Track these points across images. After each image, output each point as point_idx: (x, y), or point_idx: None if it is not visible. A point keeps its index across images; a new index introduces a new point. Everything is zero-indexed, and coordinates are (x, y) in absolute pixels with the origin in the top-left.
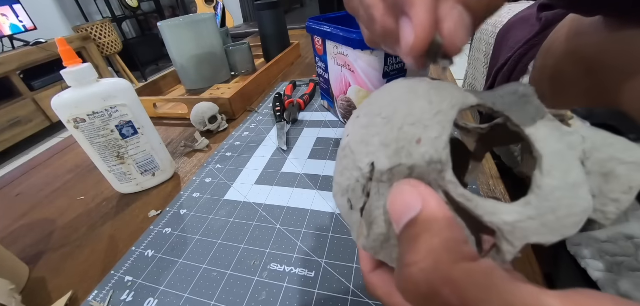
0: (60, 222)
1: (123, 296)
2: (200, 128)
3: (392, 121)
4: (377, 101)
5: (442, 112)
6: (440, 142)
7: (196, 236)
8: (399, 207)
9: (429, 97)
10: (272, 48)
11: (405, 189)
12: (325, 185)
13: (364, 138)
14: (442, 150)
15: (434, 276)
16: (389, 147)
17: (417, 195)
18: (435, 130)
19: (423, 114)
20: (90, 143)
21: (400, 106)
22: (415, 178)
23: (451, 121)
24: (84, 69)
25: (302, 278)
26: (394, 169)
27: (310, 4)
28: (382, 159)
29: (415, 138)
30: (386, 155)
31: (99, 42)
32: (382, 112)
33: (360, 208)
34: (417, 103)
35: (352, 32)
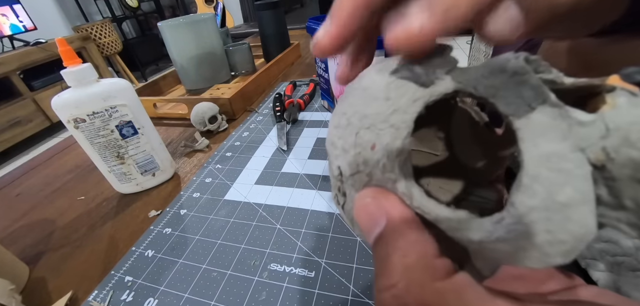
0: (60, 222)
1: (123, 296)
2: (200, 128)
3: (351, 123)
4: (346, 95)
5: (399, 110)
6: (393, 146)
7: (196, 236)
8: (364, 221)
9: (387, 92)
10: (272, 48)
11: (367, 202)
12: (325, 185)
13: (332, 139)
14: (394, 158)
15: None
16: (348, 153)
17: (378, 208)
18: (388, 134)
19: (378, 115)
20: (90, 143)
21: (358, 105)
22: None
23: (410, 121)
24: (84, 69)
25: (302, 278)
26: (354, 176)
27: (310, 4)
28: (344, 165)
29: (370, 144)
30: (346, 161)
31: (99, 42)
32: (346, 110)
33: (342, 205)
34: (373, 102)
35: None
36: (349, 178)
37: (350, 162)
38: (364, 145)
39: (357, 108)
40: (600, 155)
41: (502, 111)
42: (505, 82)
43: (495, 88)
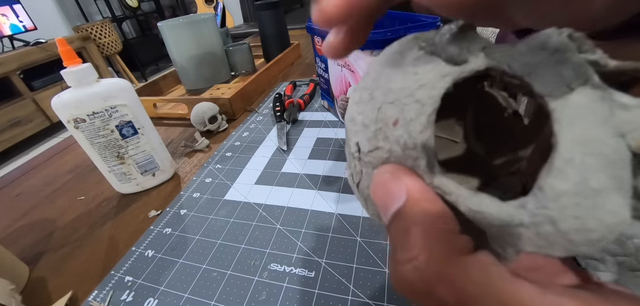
0: (60, 222)
1: (123, 296)
2: (200, 128)
3: (374, 97)
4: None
5: (427, 85)
6: (418, 123)
7: (196, 236)
8: (382, 197)
9: (415, 66)
10: (272, 48)
11: (386, 178)
12: (325, 185)
13: (353, 115)
14: (417, 135)
15: (428, 274)
16: (369, 128)
17: (398, 184)
18: (412, 109)
19: (403, 90)
20: (90, 143)
21: (383, 79)
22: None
23: (437, 97)
24: (84, 69)
25: (302, 278)
26: (373, 152)
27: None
28: (363, 141)
29: (393, 120)
30: (366, 136)
31: (99, 42)
32: (369, 85)
33: (357, 184)
34: (399, 76)
35: None
36: (367, 155)
37: (369, 138)
38: (386, 121)
39: (381, 82)
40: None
41: (538, 91)
42: (544, 59)
43: (532, 67)
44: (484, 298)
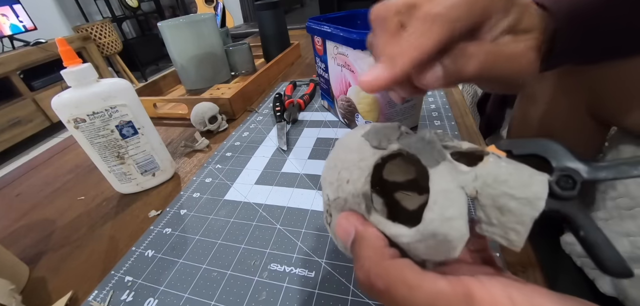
0: (60, 222)
1: (123, 296)
2: (200, 128)
3: (336, 166)
4: (335, 149)
5: (364, 159)
6: (359, 182)
7: (196, 236)
8: (342, 233)
9: (359, 148)
10: (272, 48)
11: (341, 221)
12: None
13: (324, 175)
14: (361, 188)
15: (369, 273)
16: (333, 185)
17: (349, 224)
18: (356, 173)
19: (352, 162)
20: (90, 143)
21: (341, 155)
22: (348, 209)
23: (371, 166)
24: (84, 69)
25: (302, 278)
26: (335, 200)
27: (310, 4)
28: (330, 193)
29: (346, 180)
30: (331, 190)
31: (99, 42)
32: (334, 156)
33: (329, 224)
34: (350, 154)
35: (352, 32)
36: (333, 202)
37: (333, 191)
38: (342, 179)
39: (340, 156)
40: (472, 191)
41: (424, 163)
42: (425, 145)
43: (419, 149)
44: (398, 283)
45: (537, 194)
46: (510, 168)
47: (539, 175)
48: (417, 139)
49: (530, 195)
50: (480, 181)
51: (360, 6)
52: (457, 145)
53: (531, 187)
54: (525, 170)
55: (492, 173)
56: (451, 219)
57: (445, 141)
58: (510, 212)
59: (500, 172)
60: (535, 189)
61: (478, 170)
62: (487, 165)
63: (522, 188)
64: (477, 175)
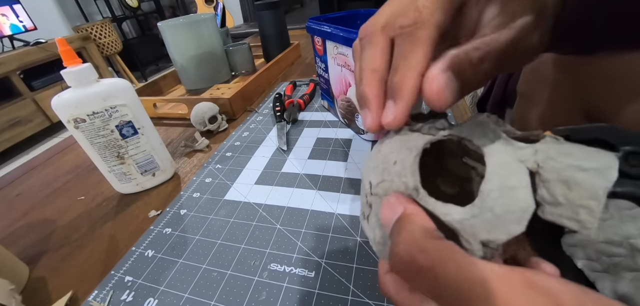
0: (60, 222)
1: (123, 296)
2: (200, 128)
3: (381, 151)
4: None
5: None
6: (408, 160)
7: (196, 236)
8: (388, 211)
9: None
10: (272, 48)
11: (391, 200)
12: (325, 185)
13: (368, 165)
14: (408, 167)
15: (412, 248)
16: (378, 168)
17: (399, 203)
18: (404, 153)
19: (400, 144)
20: (90, 143)
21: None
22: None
23: (420, 147)
24: (84, 69)
25: (302, 278)
26: (379, 183)
27: (310, 4)
28: (373, 178)
29: (393, 161)
30: (375, 174)
31: (99, 42)
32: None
33: (367, 217)
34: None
35: (352, 32)
36: (376, 187)
37: (378, 174)
38: (388, 162)
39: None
40: (534, 165)
41: (476, 143)
42: (477, 127)
43: (470, 133)
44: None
45: (607, 163)
46: (572, 145)
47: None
48: (471, 121)
49: (600, 165)
50: (541, 154)
51: (360, 6)
52: (511, 129)
53: (599, 157)
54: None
55: (554, 146)
56: (514, 188)
57: (498, 123)
58: (579, 186)
59: (562, 147)
60: (604, 159)
61: (538, 146)
62: (546, 143)
63: (589, 159)
64: (537, 149)
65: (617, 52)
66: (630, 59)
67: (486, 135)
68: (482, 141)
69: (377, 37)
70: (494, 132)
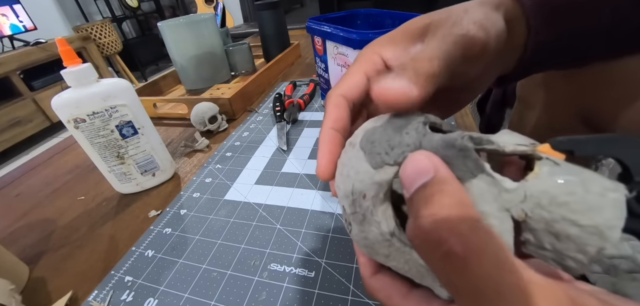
0: (60, 222)
1: (123, 296)
2: (200, 128)
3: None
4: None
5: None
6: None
7: (196, 236)
8: (412, 171)
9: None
10: (272, 48)
11: (420, 158)
12: (325, 185)
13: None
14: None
15: (444, 226)
16: (349, 198)
17: (430, 163)
18: (373, 190)
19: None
20: (90, 143)
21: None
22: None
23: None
24: (84, 68)
25: (302, 278)
26: (353, 212)
27: (310, 4)
28: (346, 205)
29: (362, 195)
30: (348, 202)
31: (99, 42)
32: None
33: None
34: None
35: (352, 32)
36: (350, 215)
37: (350, 204)
38: (357, 193)
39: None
40: (521, 213)
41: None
42: (455, 154)
43: (449, 158)
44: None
45: (610, 222)
46: (572, 183)
47: (612, 191)
48: (445, 145)
49: (599, 223)
50: (531, 202)
51: (360, 6)
52: (498, 145)
53: (602, 211)
54: (594, 182)
55: (548, 191)
56: None
57: (482, 143)
58: (570, 240)
59: (558, 190)
60: (608, 215)
61: (528, 187)
62: (540, 180)
63: (588, 213)
64: (526, 194)
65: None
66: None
67: (467, 167)
68: (463, 174)
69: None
70: (475, 163)
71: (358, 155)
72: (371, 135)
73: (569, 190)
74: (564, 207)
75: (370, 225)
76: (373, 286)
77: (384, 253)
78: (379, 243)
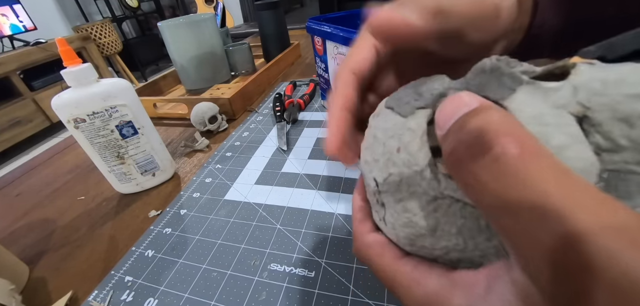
0: (60, 222)
1: (123, 296)
2: (200, 128)
3: (377, 138)
4: (370, 125)
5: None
6: (413, 146)
7: (196, 236)
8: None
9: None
10: (272, 48)
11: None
12: (325, 185)
13: (365, 158)
14: (416, 152)
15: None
16: (379, 162)
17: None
18: (407, 136)
19: (397, 127)
20: (90, 143)
21: (380, 124)
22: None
23: (423, 127)
24: (84, 68)
25: (302, 278)
26: (386, 179)
27: (311, 4)
28: (377, 174)
29: (395, 148)
30: (378, 168)
31: (99, 42)
32: (372, 132)
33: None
34: (392, 119)
35: (352, 32)
36: (384, 184)
37: (381, 168)
38: (391, 150)
39: (379, 127)
40: (578, 107)
41: (492, 98)
42: (487, 78)
43: (482, 85)
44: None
45: None
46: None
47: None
48: (475, 73)
49: None
50: (584, 91)
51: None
52: (528, 68)
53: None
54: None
55: (597, 77)
56: (563, 148)
57: (510, 64)
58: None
59: (607, 73)
60: None
61: (575, 81)
62: (582, 75)
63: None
64: (575, 85)
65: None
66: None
67: (504, 84)
68: (501, 93)
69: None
70: (511, 78)
71: (385, 115)
72: (396, 94)
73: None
74: (621, 84)
75: (410, 185)
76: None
77: (430, 226)
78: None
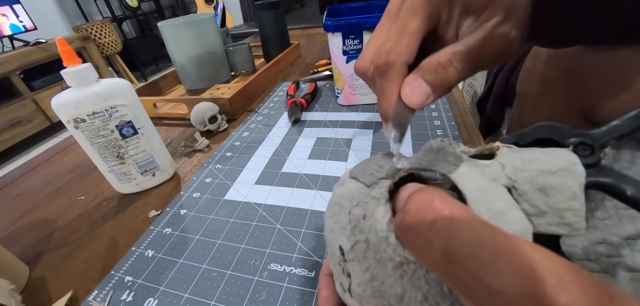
0: (60, 222)
1: (123, 296)
2: (200, 128)
3: (343, 206)
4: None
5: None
6: (378, 212)
7: (196, 236)
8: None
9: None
10: (272, 48)
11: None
12: (325, 185)
13: (330, 226)
14: (381, 218)
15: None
16: (346, 229)
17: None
18: (372, 205)
19: (362, 196)
20: (90, 143)
21: (347, 193)
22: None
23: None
24: (84, 68)
25: (302, 278)
26: (353, 247)
27: (310, 4)
28: (344, 241)
29: (361, 216)
30: (345, 235)
31: (99, 42)
32: (336, 201)
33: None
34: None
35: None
36: (350, 252)
37: (348, 236)
38: (356, 218)
39: (344, 196)
40: (507, 180)
41: (441, 172)
42: (435, 155)
43: (431, 160)
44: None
45: (570, 159)
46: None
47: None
48: (425, 151)
49: (564, 164)
50: (510, 168)
51: None
52: (464, 150)
53: (560, 156)
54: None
55: (517, 156)
56: (502, 213)
57: (451, 145)
58: (556, 190)
59: (523, 154)
60: (566, 156)
61: (501, 159)
62: (506, 155)
63: (553, 160)
64: (503, 163)
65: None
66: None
67: (449, 161)
68: (448, 167)
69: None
70: (454, 156)
71: (350, 185)
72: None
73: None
74: (535, 162)
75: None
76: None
77: (398, 294)
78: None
